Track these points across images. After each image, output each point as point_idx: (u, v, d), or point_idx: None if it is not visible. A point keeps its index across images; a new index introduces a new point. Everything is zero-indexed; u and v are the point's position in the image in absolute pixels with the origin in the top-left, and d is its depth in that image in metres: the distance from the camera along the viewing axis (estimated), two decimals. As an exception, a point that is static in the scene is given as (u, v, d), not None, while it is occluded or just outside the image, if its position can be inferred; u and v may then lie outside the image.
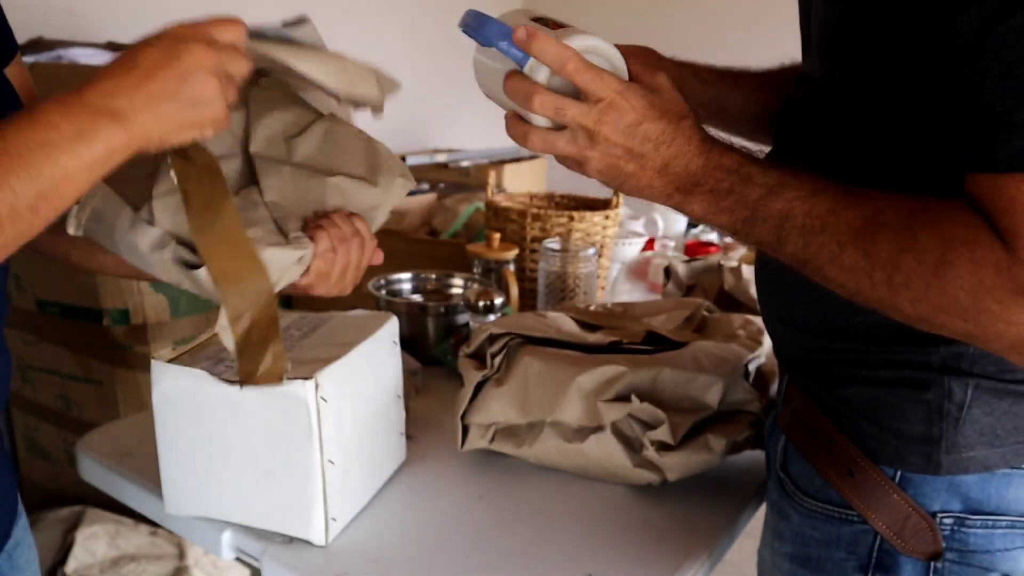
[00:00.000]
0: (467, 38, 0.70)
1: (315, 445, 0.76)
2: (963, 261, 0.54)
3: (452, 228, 2.08)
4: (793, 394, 0.78)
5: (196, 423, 0.79)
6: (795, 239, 0.61)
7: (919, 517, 0.67)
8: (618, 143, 0.64)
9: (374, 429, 0.88)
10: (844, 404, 0.71)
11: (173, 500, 0.84)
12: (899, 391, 0.67)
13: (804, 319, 0.73)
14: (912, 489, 0.68)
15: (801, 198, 0.60)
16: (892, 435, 0.68)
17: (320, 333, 0.88)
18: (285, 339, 0.83)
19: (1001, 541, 0.67)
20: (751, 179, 0.62)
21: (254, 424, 0.77)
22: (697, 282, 1.47)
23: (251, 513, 0.81)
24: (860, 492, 0.69)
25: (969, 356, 0.64)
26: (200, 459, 0.81)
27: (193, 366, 0.78)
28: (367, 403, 0.86)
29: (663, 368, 0.93)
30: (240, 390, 0.75)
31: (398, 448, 0.95)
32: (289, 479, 0.78)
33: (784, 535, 0.77)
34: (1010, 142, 0.52)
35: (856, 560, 0.71)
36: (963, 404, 0.65)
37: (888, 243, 0.57)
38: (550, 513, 0.88)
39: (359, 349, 0.83)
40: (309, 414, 0.75)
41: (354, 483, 0.84)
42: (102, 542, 1.67)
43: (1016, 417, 0.65)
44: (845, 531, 0.71)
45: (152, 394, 0.80)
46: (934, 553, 0.67)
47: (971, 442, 0.65)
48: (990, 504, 0.66)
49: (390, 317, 0.92)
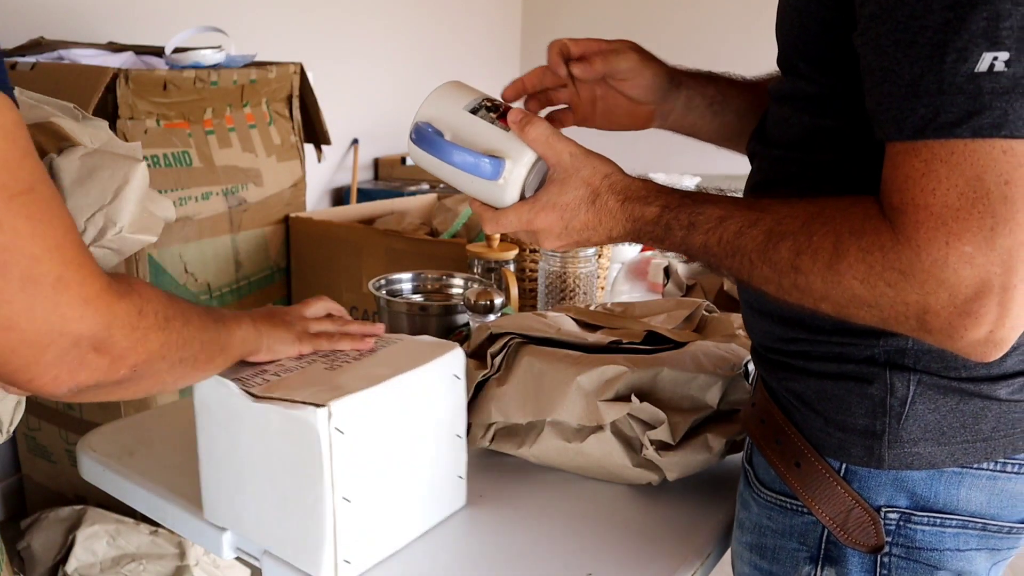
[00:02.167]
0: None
1: (325, 479, 0.70)
2: (853, 251, 0.56)
3: (452, 228, 2.08)
4: (757, 387, 0.79)
5: (227, 433, 0.77)
6: (721, 264, 0.66)
7: (862, 510, 0.68)
8: (563, 246, 0.75)
9: (419, 469, 0.80)
10: (795, 396, 0.72)
11: (210, 507, 0.82)
12: (844, 384, 0.68)
13: (764, 305, 0.74)
14: (858, 483, 0.68)
15: (711, 230, 0.65)
16: (837, 428, 0.68)
17: (378, 356, 0.81)
18: (337, 357, 0.81)
19: (952, 541, 0.67)
20: (670, 227, 0.68)
21: (274, 444, 0.73)
22: (697, 282, 1.47)
23: (271, 538, 0.77)
24: (806, 483, 0.70)
25: (912, 352, 0.65)
26: (231, 471, 0.78)
27: (231, 374, 0.75)
28: (411, 440, 0.79)
29: (663, 368, 0.93)
30: (257, 404, 0.72)
31: (453, 492, 0.86)
32: (301, 510, 0.73)
33: (745, 525, 0.78)
34: (916, 109, 0.52)
35: (807, 551, 0.72)
36: (906, 399, 0.65)
37: (787, 250, 0.60)
38: (550, 513, 0.88)
39: (401, 379, 0.76)
40: (319, 444, 0.69)
41: (380, 525, 0.77)
42: (103, 541, 1.68)
43: (963, 415, 0.65)
44: (797, 522, 0.72)
45: (194, 397, 0.79)
46: (876, 546, 0.68)
47: (915, 438, 0.66)
48: (938, 502, 0.67)
49: (453, 348, 0.83)
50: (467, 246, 1.47)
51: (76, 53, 1.89)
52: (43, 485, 2.01)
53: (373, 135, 3.26)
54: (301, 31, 2.89)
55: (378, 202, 2.48)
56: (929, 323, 0.54)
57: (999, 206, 0.50)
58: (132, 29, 2.32)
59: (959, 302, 0.52)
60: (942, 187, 0.51)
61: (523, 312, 1.25)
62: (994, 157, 0.50)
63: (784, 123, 0.71)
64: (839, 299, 0.58)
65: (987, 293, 0.52)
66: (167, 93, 1.83)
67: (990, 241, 0.51)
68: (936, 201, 0.52)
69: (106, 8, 2.31)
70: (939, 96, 0.51)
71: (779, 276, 0.60)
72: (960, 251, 0.51)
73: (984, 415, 0.65)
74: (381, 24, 3.25)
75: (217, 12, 2.53)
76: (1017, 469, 0.67)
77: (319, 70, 2.49)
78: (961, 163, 0.51)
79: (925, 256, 0.52)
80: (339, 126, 2.76)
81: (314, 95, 2.23)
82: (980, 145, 0.50)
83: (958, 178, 0.51)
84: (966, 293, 0.52)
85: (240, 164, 2.04)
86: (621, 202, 0.71)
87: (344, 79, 3.05)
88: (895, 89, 0.53)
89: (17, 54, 1.94)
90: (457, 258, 1.54)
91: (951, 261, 0.52)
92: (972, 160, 0.51)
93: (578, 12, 3.97)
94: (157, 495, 0.89)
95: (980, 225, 0.51)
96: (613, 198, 0.72)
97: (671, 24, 3.76)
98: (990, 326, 0.53)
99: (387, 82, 3.28)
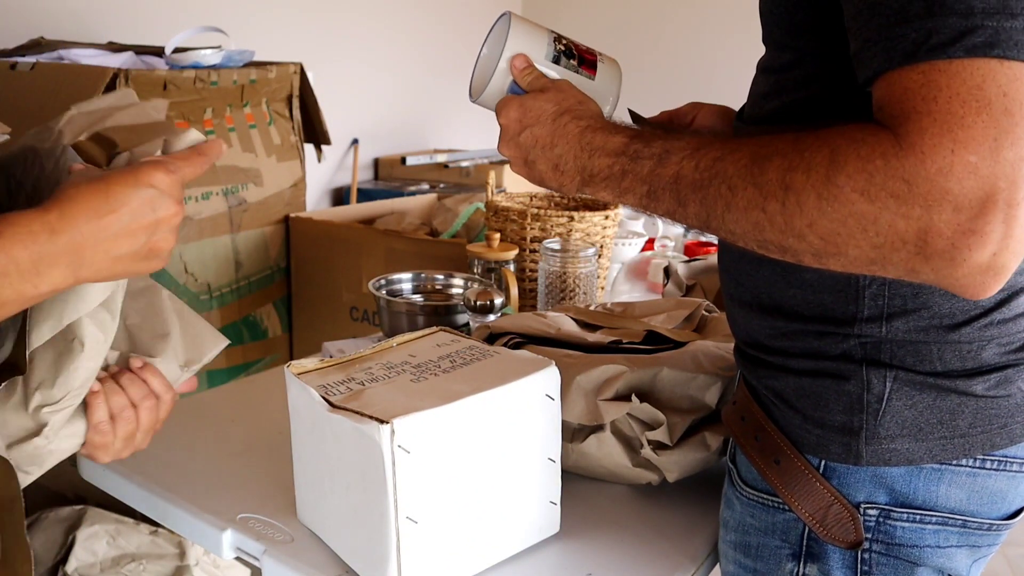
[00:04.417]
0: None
1: (389, 497, 0.67)
2: (851, 160, 0.51)
3: (452, 228, 2.08)
4: (739, 385, 0.79)
5: (312, 439, 0.76)
6: (691, 197, 0.60)
7: (841, 506, 0.68)
8: (511, 155, 0.74)
9: (503, 493, 0.76)
10: (774, 394, 0.72)
11: (302, 510, 0.83)
12: (821, 381, 0.68)
13: (741, 294, 0.74)
14: (837, 479, 0.68)
15: (687, 156, 0.61)
16: (815, 424, 0.68)
17: (469, 369, 0.78)
18: (426, 368, 0.78)
19: (932, 537, 0.67)
20: (639, 156, 0.64)
21: (348, 456, 0.71)
22: (697, 282, 1.47)
23: (345, 548, 0.76)
24: (785, 480, 0.70)
25: (888, 347, 0.65)
26: (315, 477, 0.78)
27: (319, 380, 0.75)
28: (494, 462, 0.74)
29: (663, 368, 0.93)
30: (333, 414, 0.70)
31: (544, 518, 0.81)
32: (368, 525, 0.71)
33: (729, 524, 0.78)
34: (907, 35, 0.51)
35: (789, 548, 0.72)
36: (882, 396, 0.65)
37: (776, 168, 0.55)
38: (550, 513, 0.88)
39: (481, 398, 0.72)
40: (384, 461, 0.67)
41: (454, 548, 0.73)
42: (103, 541, 1.68)
43: (940, 412, 0.65)
44: (779, 519, 0.72)
45: (288, 400, 0.79)
46: (855, 542, 0.68)
47: (892, 434, 0.66)
48: (917, 499, 0.67)
49: (547, 365, 0.78)
50: (467, 246, 1.47)
51: (76, 53, 1.89)
52: (43, 485, 2.01)
53: (373, 135, 3.26)
54: (301, 31, 2.90)
55: (378, 202, 2.49)
56: (930, 244, 0.50)
57: (1001, 117, 0.48)
58: (132, 29, 2.32)
59: (964, 218, 0.49)
60: (943, 95, 0.49)
61: (523, 312, 1.25)
62: (991, 68, 0.49)
63: (763, 99, 0.71)
64: (833, 218, 0.52)
65: (992, 208, 0.49)
66: (167, 93, 1.84)
67: (995, 152, 0.48)
68: (939, 108, 0.49)
69: (106, 8, 2.31)
70: (929, 19, 0.50)
71: (765, 199, 0.55)
72: (965, 160, 0.48)
73: (961, 411, 0.65)
74: (381, 24, 3.26)
75: (217, 12, 2.53)
76: (996, 466, 0.67)
77: (319, 70, 2.49)
78: (960, 73, 0.49)
79: (930, 163, 0.49)
80: (339, 126, 2.76)
81: (314, 95, 2.23)
82: (975, 61, 0.49)
83: (959, 86, 0.49)
84: (971, 208, 0.49)
85: (240, 164, 2.05)
86: (581, 129, 0.69)
87: (344, 79, 3.05)
88: (883, 20, 0.52)
89: (17, 54, 1.94)
90: (457, 258, 1.54)
91: (956, 170, 0.48)
92: (970, 72, 0.49)
93: (578, 13, 3.97)
94: (157, 495, 0.89)
95: (984, 135, 0.48)
96: (575, 122, 0.70)
97: (671, 24, 3.76)
98: (995, 246, 0.50)
99: (387, 82, 3.28)
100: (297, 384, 0.77)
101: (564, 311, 1.10)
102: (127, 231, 0.57)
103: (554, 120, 0.71)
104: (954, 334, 0.64)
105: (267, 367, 2.18)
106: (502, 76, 0.79)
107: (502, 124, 0.75)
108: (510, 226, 1.50)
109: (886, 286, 0.64)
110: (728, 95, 1.03)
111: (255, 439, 1.01)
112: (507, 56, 0.78)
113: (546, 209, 1.62)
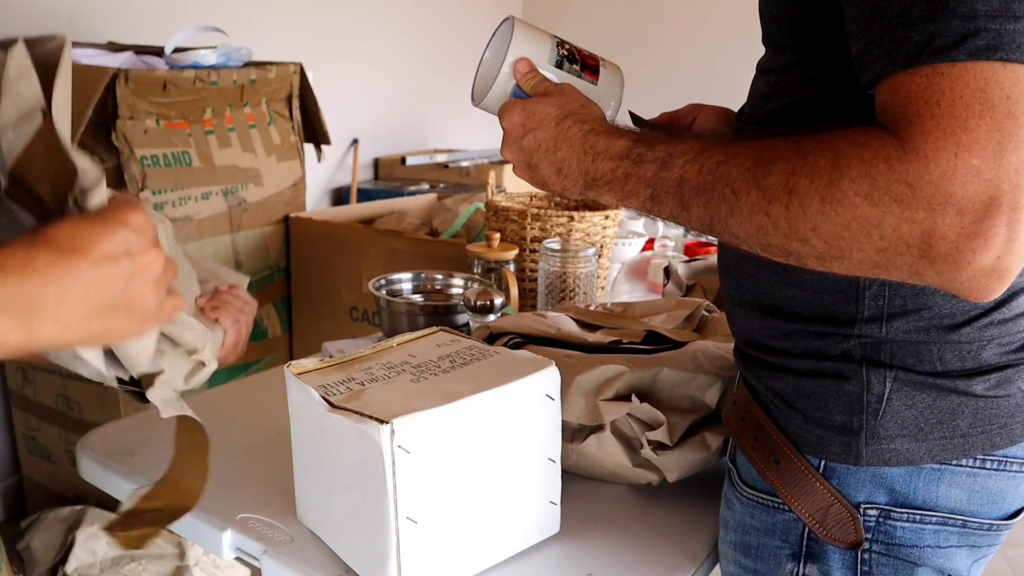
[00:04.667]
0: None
1: (389, 497, 0.68)
2: (855, 164, 0.52)
3: (452, 228, 2.08)
4: (738, 386, 0.79)
5: (312, 440, 0.77)
6: (695, 201, 0.61)
7: (841, 506, 0.68)
8: (514, 159, 0.74)
9: (504, 493, 0.76)
10: (774, 394, 0.72)
11: (301, 510, 0.83)
12: (821, 381, 0.68)
13: (741, 295, 0.74)
14: (836, 479, 0.69)
15: (691, 160, 0.61)
16: (815, 425, 0.69)
17: (469, 369, 0.78)
18: (426, 369, 0.78)
19: (932, 538, 0.68)
20: (642, 160, 0.64)
21: (347, 456, 0.72)
22: (697, 282, 1.47)
23: (346, 548, 0.76)
24: (785, 480, 0.70)
25: (888, 348, 0.65)
26: (315, 477, 0.78)
27: (319, 380, 0.75)
28: (495, 462, 0.75)
29: (663, 368, 0.93)
30: (333, 414, 0.70)
31: (544, 518, 0.81)
32: (368, 525, 0.71)
33: (729, 524, 0.78)
34: (910, 38, 0.51)
35: (789, 548, 0.72)
36: (882, 396, 0.65)
37: (780, 172, 0.55)
38: (550, 513, 0.88)
39: (481, 398, 0.72)
40: (383, 462, 0.67)
41: (454, 548, 0.74)
42: (103, 541, 1.68)
43: (940, 412, 0.65)
44: (779, 519, 0.72)
45: (288, 400, 0.79)
46: (855, 542, 0.68)
47: (892, 434, 0.66)
48: (917, 499, 0.67)
49: (547, 365, 0.78)
50: (467, 246, 1.47)
51: (76, 53, 1.89)
52: (43, 485, 2.01)
53: (373, 135, 3.26)
54: (301, 31, 2.89)
55: (378, 202, 2.49)
56: (934, 248, 0.50)
57: (1005, 120, 0.48)
58: (132, 29, 2.32)
59: (967, 222, 0.49)
60: (946, 98, 0.49)
61: (523, 312, 1.25)
62: (994, 71, 0.49)
63: (763, 99, 0.71)
64: (837, 222, 0.52)
65: (996, 212, 0.49)
66: (167, 93, 1.84)
67: (998, 156, 0.48)
68: (942, 111, 0.49)
69: (106, 8, 2.31)
70: (932, 22, 0.50)
71: (768, 203, 0.55)
72: (968, 164, 0.48)
73: (961, 411, 0.65)
74: (381, 24, 3.26)
75: (217, 12, 2.53)
76: (996, 466, 0.67)
77: (319, 70, 2.49)
78: (963, 76, 0.49)
79: (933, 167, 0.49)
80: (339, 126, 2.76)
81: (314, 95, 2.23)
82: (978, 64, 0.49)
83: (962, 89, 0.49)
84: (975, 211, 0.49)
85: (240, 164, 2.05)
86: (584, 133, 0.69)
87: (344, 79, 3.05)
88: (885, 23, 0.52)
89: (17, 54, 1.94)
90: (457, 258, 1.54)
91: (960, 174, 0.48)
92: (973, 75, 0.49)
93: (578, 13, 3.97)
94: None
95: (988, 138, 0.48)
96: (578, 126, 0.70)
97: (671, 24, 3.76)
98: (999, 250, 0.50)
99: (387, 82, 3.28)
100: (297, 384, 0.77)
101: (564, 311, 1.10)
102: (98, 279, 0.47)
103: (557, 124, 0.71)
104: (954, 334, 0.64)
105: (267, 367, 2.18)
106: (505, 80, 0.79)
107: (505, 128, 0.75)
108: (510, 226, 1.50)
109: (886, 287, 0.64)
110: (728, 96, 1.03)
111: (255, 439, 1.01)
112: (510, 60, 0.79)
113: (546, 209, 1.62)
